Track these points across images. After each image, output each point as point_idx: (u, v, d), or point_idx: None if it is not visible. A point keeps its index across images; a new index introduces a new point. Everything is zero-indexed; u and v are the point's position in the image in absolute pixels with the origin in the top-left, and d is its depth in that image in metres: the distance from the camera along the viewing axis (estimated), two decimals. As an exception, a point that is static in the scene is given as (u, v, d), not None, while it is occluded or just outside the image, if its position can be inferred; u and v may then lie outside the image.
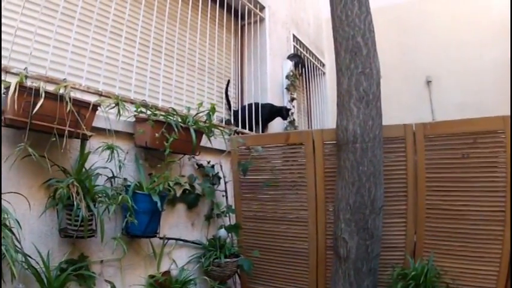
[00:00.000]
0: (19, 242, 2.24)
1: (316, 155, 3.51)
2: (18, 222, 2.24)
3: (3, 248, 1.99)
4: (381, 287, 3.11)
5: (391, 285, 3.00)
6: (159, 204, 2.81)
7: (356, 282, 2.92)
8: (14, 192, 2.36)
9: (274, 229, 3.71)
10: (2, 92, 2.31)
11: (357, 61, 2.97)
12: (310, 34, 6.20)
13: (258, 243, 3.77)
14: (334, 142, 3.23)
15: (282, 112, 4.76)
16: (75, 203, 2.36)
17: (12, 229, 2.18)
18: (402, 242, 3.20)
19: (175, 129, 3.04)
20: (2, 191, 2.28)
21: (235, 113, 4.45)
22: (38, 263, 2.38)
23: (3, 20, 2.63)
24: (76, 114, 2.45)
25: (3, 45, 2.55)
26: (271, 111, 4.70)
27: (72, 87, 2.73)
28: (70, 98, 2.42)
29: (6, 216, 2.16)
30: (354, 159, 2.95)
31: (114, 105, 2.81)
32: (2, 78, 2.33)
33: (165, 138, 2.99)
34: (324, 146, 3.48)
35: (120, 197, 2.61)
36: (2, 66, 2.45)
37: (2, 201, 2.21)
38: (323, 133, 3.54)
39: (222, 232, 3.63)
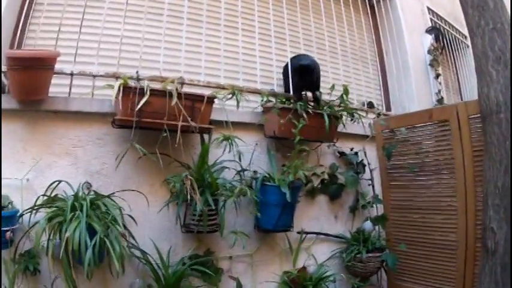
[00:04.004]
0: (134, 238, 2.03)
1: (462, 132, 2.63)
2: (133, 218, 2.05)
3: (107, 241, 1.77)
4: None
5: None
6: (287, 195, 2.29)
7: (502, 280, 2.16)
8: (132, 190, 2.14)
9: (421, 219, 2.87)
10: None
11: (486, 16, 2.35)
12: (445, 5, 4.88)
13: (405, 235, 2.95)
14: (479, 115, 2.44)
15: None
16: (188, 197, 2.02)
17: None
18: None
19: (304, 115, 2.51)
20: (122, 189, 2.12)
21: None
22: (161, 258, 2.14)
23: (111, 32, 2.48)
24: (190, 108, 2.11)
25: (110, 54, 2.40)
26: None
27: (189, 83, 2.47)
28: (180, 93, 2.09)
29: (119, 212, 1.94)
30: (500, 133, 2.22)
31: (230, 95, 2.42)
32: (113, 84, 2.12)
33: (295, 126, 2.49)
34: (469, 121, 2.59)
35: (237, 189, 2.10)
36: (112, 73, 2.30)
37: (117, 199, 2.03)
38: (467, 106, 2.63)
39: (367, 225, 2.93)
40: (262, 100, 2.67)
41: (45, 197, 1.94)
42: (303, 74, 2.63)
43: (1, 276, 1.81)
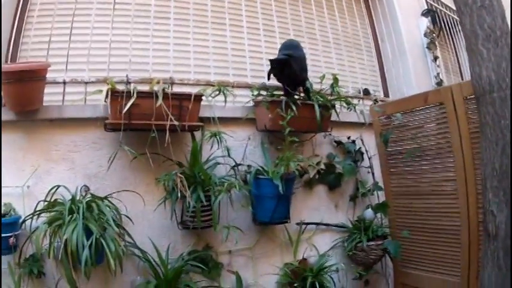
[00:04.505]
0: (131, 237, 2.11)
1: (458, 114, 2.58)
2: (130, 218, 2.13)
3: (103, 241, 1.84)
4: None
5: None
6: (280, 187, 2.31)
7: (505, 265, 2.09)
8: (129, 190, 2.21)
9: (423, 205, 2.83)
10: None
11: None
12: (440, -15, 4.82)
13: (408, 221, 2.92)
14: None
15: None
16: (179, 194, 2.06)
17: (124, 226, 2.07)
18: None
19: (293, 107, 2.50)
20: (117, 190, 2.19)
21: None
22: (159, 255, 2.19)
23: (100, 38, 2.53)
24: (178, 107, 2.16)
25: (100, 59, 2.46)
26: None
27: (178, 83, 2.53)
28: (166, 93, 2.14)
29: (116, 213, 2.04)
30: (494, 112, 2.16)
31: (217, 92, 2.45)
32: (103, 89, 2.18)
33: (284, 118, 2.48)
34: (465, 102, 2.54)
35: (226, 184, 2.13)
36: (103, 78, 2.34)
37: (114, 200, 2.10)
38: (461, 87, 2.57)
39: (368, 213, 2.91)
40: (252, 94, 2.69)
41: (46, 202, 2.01)
42: (281, 67, 2.53)
43: (1, 280, 1.91)
